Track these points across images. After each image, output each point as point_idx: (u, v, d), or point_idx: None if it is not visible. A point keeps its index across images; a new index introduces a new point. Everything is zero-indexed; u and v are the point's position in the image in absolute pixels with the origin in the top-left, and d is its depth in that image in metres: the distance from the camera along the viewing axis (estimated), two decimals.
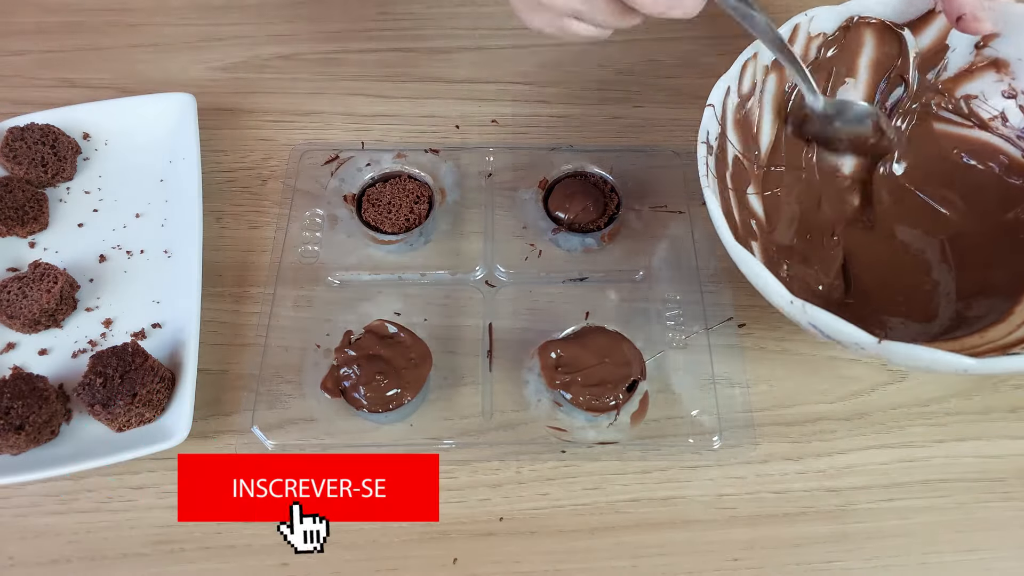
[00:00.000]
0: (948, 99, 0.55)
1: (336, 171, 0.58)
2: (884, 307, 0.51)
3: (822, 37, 0.52)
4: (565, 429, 0.48)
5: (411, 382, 0.47)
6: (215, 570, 0.45)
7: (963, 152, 0.55)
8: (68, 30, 0.68)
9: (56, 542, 0.45)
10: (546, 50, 0.68)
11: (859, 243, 0.54)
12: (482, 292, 0.54)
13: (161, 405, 0.48)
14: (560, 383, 0.47)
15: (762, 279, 0.42)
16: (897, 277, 0.53)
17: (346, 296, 0.53)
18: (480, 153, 0.60)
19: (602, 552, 0.46)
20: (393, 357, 0.48)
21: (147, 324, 0.52)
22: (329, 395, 0.48)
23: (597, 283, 0.54)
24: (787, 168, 0.54)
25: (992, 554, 0.46)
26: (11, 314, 0.50)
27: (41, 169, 0.56)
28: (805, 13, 0.51)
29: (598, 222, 0.55)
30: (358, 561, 0.45)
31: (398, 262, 0.55)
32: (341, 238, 0.56)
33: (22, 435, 0.45)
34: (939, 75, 0.54)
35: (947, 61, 0.53)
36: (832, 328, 0.40)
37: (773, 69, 0.52)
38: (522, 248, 0.56)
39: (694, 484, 0.48)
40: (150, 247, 0.55)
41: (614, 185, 0.57)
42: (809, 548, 0.46)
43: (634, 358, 0.48)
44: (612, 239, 0.56)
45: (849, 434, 0.50)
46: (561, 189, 0.57)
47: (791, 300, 0.40)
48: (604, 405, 0.47)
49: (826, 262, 0.52)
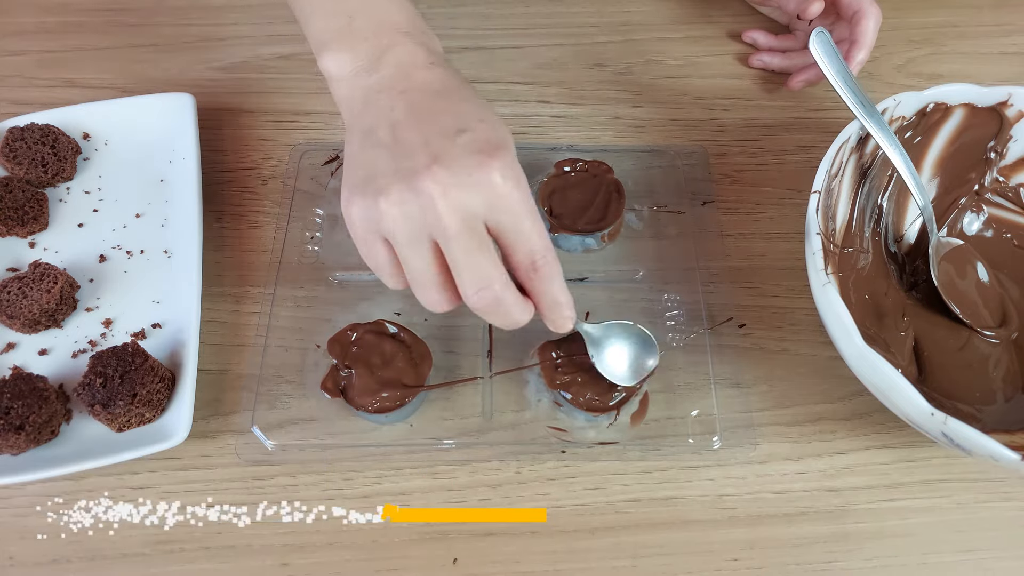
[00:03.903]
0: (1004, 186, 0.55)
1: (336, 171, 0.58)
2: (955, 390, 0.49)
3: (901, 120, 0.52)
4: (565, 429, 0.48)
5: (411, 382, 0.47)
6: (215, 570, 0.45)
7: (1014, 238, 0.55)
8: (68, 30, 0.68)
9: (56, 542, 0.45)
10: (546, 50, 0.68)
11: (929, 323, 0.52)
12: None
13: (161, 405, 0.48)
14: (560, 383, 0.47)
15: (899, 389, 0.40)
16: (963, 358, 0.51)
17: (346, 296, 0.53)
18: None
19: (602, 552, 0.46)
20: (393, 357, 0.48)
21: (147, 324, 0.52)
22: (329, 395, 0.48)
23: (597, 283, 0.54)
24: (854, 250, 0.53)
25: (992, 554, 0.46)
26: (11, 314, 0.50)
27: (41, 169, 0.56)
28: (893, 98, 0.50)
29: (599, 223, 0.55)
30: (358, 561, 0.45)
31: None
32: (341, 238, 0.55)
33: (22, 435, 0.45)
34: (998, 162, 0.55)
35: (1008, 149, 0.54)
36: (973, 443, 0.38)
37: (856, 150, 0.51)
38: None
39: (694, 484, 0.48)
40: (150, 247, 0.55)
41: (617, 185, 0.57)
42: (809, 548, 0.46)
43: None
44: (612, 239, 0.56)
45: (849, 434, 0.50)
46: (562, 189, 0.57)
47: (931, 412, 0.39)
48: (604, 405, 0.47)
49: (898, 344, 0.51)
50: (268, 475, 0.47)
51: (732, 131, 0.63)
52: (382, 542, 0.46)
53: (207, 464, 0.48)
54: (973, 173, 0.55)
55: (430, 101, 0.40)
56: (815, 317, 0.54)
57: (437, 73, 0.41)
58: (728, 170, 0.60)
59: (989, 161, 0.54)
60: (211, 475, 0.47)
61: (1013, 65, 0.66)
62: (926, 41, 0.69)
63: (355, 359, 0.48)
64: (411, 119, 0.39)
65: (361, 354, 0.48)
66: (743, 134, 0.63)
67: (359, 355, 0.48)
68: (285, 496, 0.47)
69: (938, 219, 0.54)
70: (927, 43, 0.69)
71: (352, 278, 0.54)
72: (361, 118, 0.41)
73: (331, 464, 0.48)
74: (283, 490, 0.47)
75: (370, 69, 0.41)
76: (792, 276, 0.54)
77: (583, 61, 0.68)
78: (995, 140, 0.53)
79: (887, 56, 0.68)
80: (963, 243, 0.54)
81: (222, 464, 0.48)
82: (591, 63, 0.67)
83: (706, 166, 0.60)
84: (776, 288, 0.54)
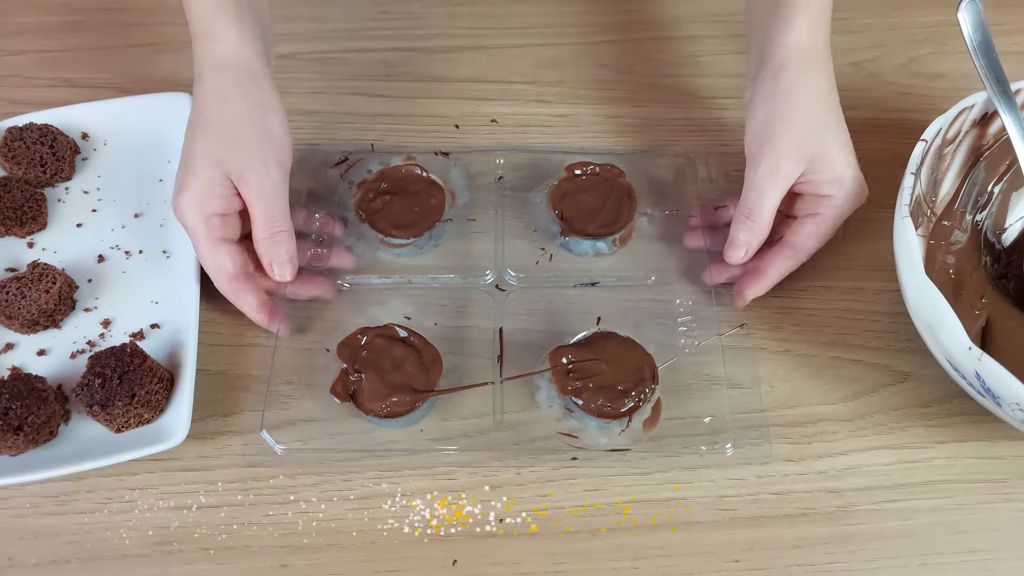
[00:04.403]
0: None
1: (346, 173, 0.58)
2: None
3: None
4: (576, 436, 0.48)
5: (421, 387, 0.47)
6: (213, 571, 0.45)
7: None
8: (67, 30, 0.68)
9: (55, 543, 0.45)
10: (545, 49, 0.68)
11: (1004, 313, 0.52)
12: (492, 296, 0.54)
13: (160, 406, 0.47)
14: (572, 389, 0.47)
15: (947, 323, 0.41)
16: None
17: (355, 300, 0.53)
18: (490, 156, 0.59)
19: (602, 553, 0.45)
20: (404, 361, 0.48)
21: (146, 324, 0.52)
22: (339, 400, 0.47)
23: (609, 287, 0.54)
24: (951, 225, 0.53)
25: (993, 555, 0.46)
26: (10, 314, 0.50)
27: (40, 169, 0.56)
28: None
29: (611, 227, 0.54)
30: (358, 562, 0.45)
31: (408, 265, 0.55)
32: (350, 241, 0.55)
33: (21, 436, 0.45)
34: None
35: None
36: (1004, 384, 0.40)
37: (977, 126, 0.51)
38: (532, 252, 0.56)
39: (695, 485, 0.48)
40: (149, 247, 0.55)
41: (629, 189, 0.56)
42: (810, 549, 0.46)
43: (646, 364, 0.48)
44: (624, 243, 0.56)
45: (850, 435, 0.49)
46: (572, 193, 0.56)
47: (969, 347, 0.40)
48: (616, 412, 0.47)
49: (968, 321, 0.50)
50: (267, 476, 0.47)
51: (733, 130, 0.63)
52: (382, 543, 0.45)
53: (206, 465, 0.48)
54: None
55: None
56: (817, 317, 0.54)
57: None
58: (728, 169, 0.60)
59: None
60: (210, 476, 0.47)
61: (1015, 64, 0.66)
62: (927, 40, 0.69)
63: (365, 363, 0.48)
64: None
65: (371, 358, 0.48)
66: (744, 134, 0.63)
67: (369, 359, 0.48)
68: (284, 497, 0.47)
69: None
70: (928, 42, 0.69)
71: (361, 282, 0.54)
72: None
73: (331, 466, 0.48)
74: (282, 491, 0.47)
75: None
76: (793, 275, 0.54)
77: (583, 60, 0.67)
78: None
79: (888, 56, 0.68)
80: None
81: (221, 465, 0.48)
82: (591, 62, 0.67)
83: (717, 166, 0.59)
84: (777, 288, 0.54)
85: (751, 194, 0.50)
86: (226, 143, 0.49)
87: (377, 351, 0.48)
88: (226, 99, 0.50)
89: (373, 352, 0.48)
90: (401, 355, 0.48)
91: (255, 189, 0.48)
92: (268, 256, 0.50)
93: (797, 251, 0.52)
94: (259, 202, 0.49)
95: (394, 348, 0.48)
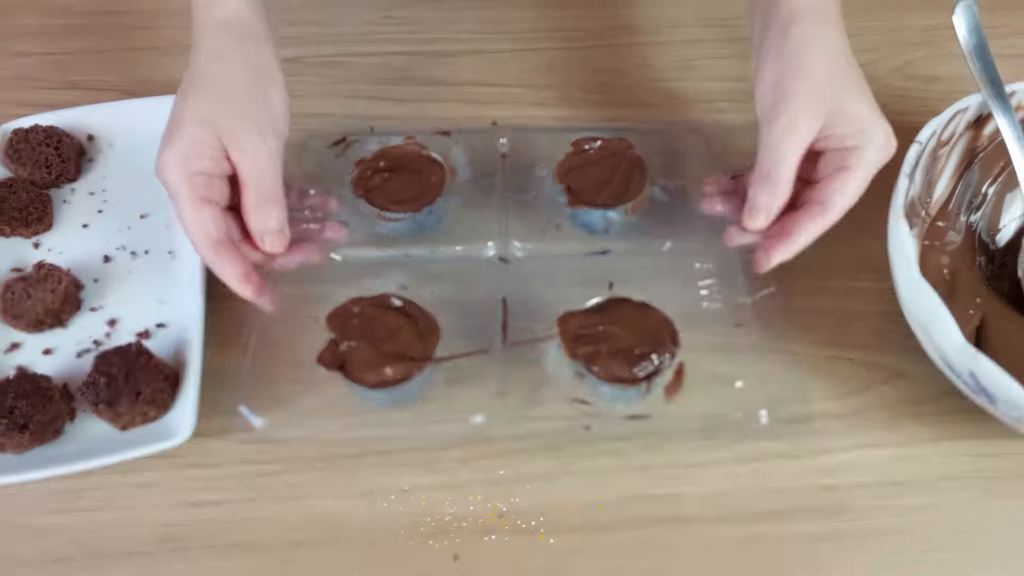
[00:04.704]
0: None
1: (343, 153, 0.58)
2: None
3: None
4: (589, 402, 0.45)
5: (417, 356, 0.45)
6: (218, 568, 0.45)
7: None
8: (71, 32, 0.69)
9: (60, 540, 0.46)
10: (545, 54, 0.69)
11: (998, 313, 0.52)
12: (495, 268, 0.52)
13: (165, 404, 0.48)
14: (583, 353, 0.44)
15: (941, 320, 0.42)
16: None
17: (349, 273, 0.51)
18: (492, 135, 0.59)
19: (601, 549, 0.46)
20: (398, 330, 0.45)
21: (151, 324, 0.52)
22: (326, 368, 0.45)
23: (621, 255, 0.52)
24: (946, 226, 0.53)
25: (990, 552, 0.46)
26: (16, 314, 0.50)
27: (45, 170, 0.57)
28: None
29: (621, 197, 0.52)
30: (360, 557, 0.45)
31: (407, 240, 0.54)
32: (346, 215, 0.53)
33: (26, 434, 0.45)
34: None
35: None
36: (999, 384, 0.40)
37: (972, 128, 0.51)
38: (538, 225, 0.54)
39: (692, 482, 0.48)
40: (154, 248, 0.56)
41: (639, 160, 0.54)
42: (807, 546, 0.46)
43: (665, 327, 0.45)
44: (636, 212, 0.54)
45: (846, 432, 0.50)
46: (580, 167, 0.54)
47: (964, 346, 0.41)
48: (632, 377, 0.43)
49: (963, 321, 0.49)
50: (271, 472, 0.48)
51: (733, 132, 0.63)
52: (384, 538, 0.46)
53: (211, 462, 0.48)
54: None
55: None
56: (815, 317, 0.54)
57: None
58: (728, 169, 0.60)
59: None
60: (215, 472, 0.48)
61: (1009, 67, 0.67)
62: (924, 43, 0.70)
63: (357, 332, 0.45)
64: None
65: (363, 327, 0.45)
66: (744, 136, 0.63)
67: (361, 327, 0.45)
68: (288, 493, 0.47)
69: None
70: (925, 45, 0.70)
71: (357, 255, 0.53)
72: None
73: (332, 460, 0.48)
74: (286, 487, 0.47)
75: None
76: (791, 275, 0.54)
77: (581, 64, 0.68)
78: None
79: (884, 58, 0.69)
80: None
81: (226, 462, 0.48)
82: (590, 66, 0.68)
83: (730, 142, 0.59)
84: (776, 288, 0.54)
85: (768, 154, 0.46)
86: (219, 102, 0.44)
87: (370, 320, 0.45)
88: (224, 57, 0.46)
89: (365, 321, 0.45)
90: (395, 324, 0.45)
91: (248, 153, 0.44)
92: (258, 225, 0.45)
93: (827, 209, 0.46)
94: (251, 168, 0.44)
95: (388, 317, 0.45)
